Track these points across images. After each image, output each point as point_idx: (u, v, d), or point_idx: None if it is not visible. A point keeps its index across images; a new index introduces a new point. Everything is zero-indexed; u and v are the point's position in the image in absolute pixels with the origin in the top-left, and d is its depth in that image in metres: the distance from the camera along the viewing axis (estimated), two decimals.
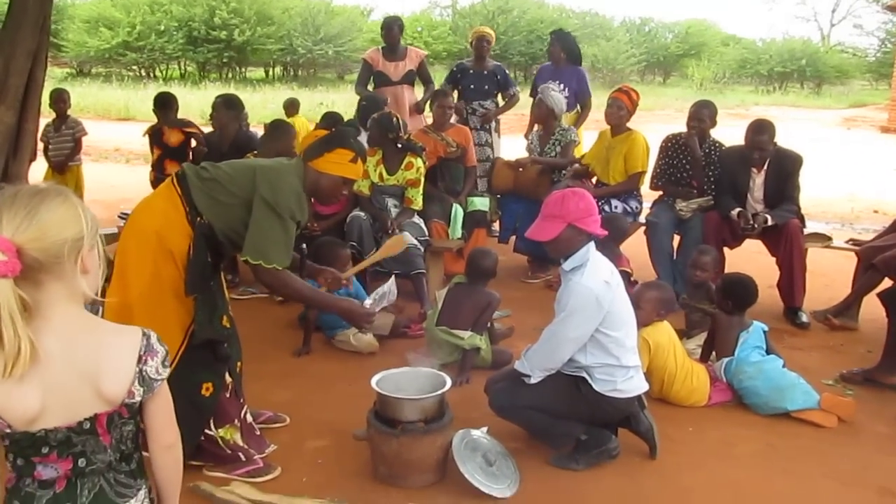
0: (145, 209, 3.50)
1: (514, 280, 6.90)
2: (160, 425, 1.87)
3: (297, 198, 3.44)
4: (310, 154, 3.55)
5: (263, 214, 3.35)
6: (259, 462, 3.62)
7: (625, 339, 3.63)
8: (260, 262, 3.37)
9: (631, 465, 3.77)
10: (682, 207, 6.29)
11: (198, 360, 3.44)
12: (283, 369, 4.93)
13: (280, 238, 3.38)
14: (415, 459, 3.48)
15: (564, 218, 3.55)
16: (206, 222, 3.37)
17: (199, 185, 3.41)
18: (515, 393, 3.73)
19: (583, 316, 3.52)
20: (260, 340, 5.29)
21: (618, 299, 3.60)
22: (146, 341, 1.81)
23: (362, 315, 3.68)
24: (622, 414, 3.77)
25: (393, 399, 3.54)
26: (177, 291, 3.35)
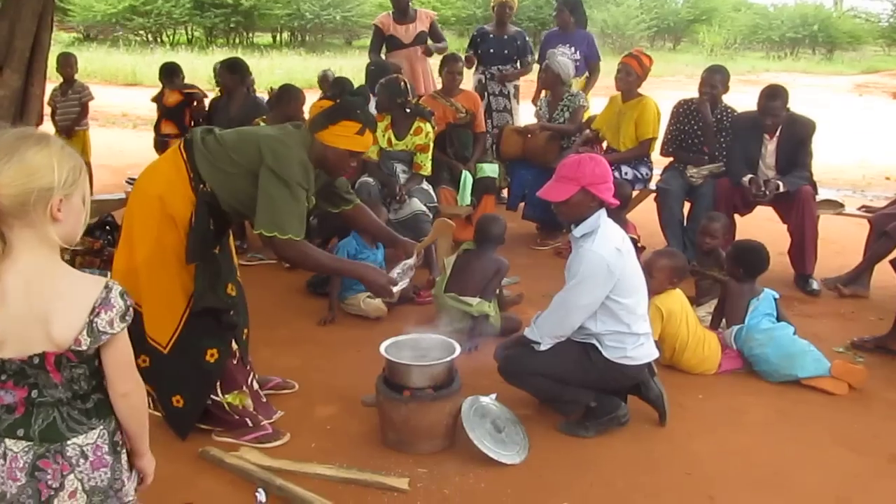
0: (150, 174, 3.47)
1: (522, 247, 6.87)
2: (114, 375, 1.93)
3: (303, 167, 3.36)
4: (316, 125, 3.45)
5: (272, 185, 3.28)
6: (268, 428, 3.62)
7: (635, 306, 3.60)
8: (275, 235, 3.31)
9: (640, 432, 3.76)
10: (693, 174, 6.23)
11: (202, 326, 3.43)
12: (292, 336, 4.92)
13: (292, 207, 3.32)
14: (423, 426, 3.48)
15: (578, 181, 3.51)
16: (208, 190, 3.33)
17: (204, 152, 3.36)
18: (525, 360, 3.72)
19: (593, 283, 3.49)
20: (268, 307, 5.28)
21: (629, 266, 3.57)
22: (105, 294, 1.85)
23: (385, 285, 3.61)
24: (632, 381, 3.76)
25: (402, 365, 3.53)
26: (180, 257, 3.33)
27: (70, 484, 1.90)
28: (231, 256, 3.68)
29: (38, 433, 1.88)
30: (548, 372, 3.66)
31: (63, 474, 1.89)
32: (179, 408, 3.51)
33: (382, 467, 3.39)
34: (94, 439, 1.92)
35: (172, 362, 3.43)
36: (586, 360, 3.64)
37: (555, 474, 3.39)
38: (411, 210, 5.98)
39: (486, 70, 7.90)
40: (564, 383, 3.68)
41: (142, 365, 3.49)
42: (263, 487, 3.19)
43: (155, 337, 3.42)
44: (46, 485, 1.88)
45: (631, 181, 6.55)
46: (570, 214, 3.60)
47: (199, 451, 3.45)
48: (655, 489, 3.29)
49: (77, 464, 1.90)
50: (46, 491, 1.88)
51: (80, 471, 1.90)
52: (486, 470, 3.38)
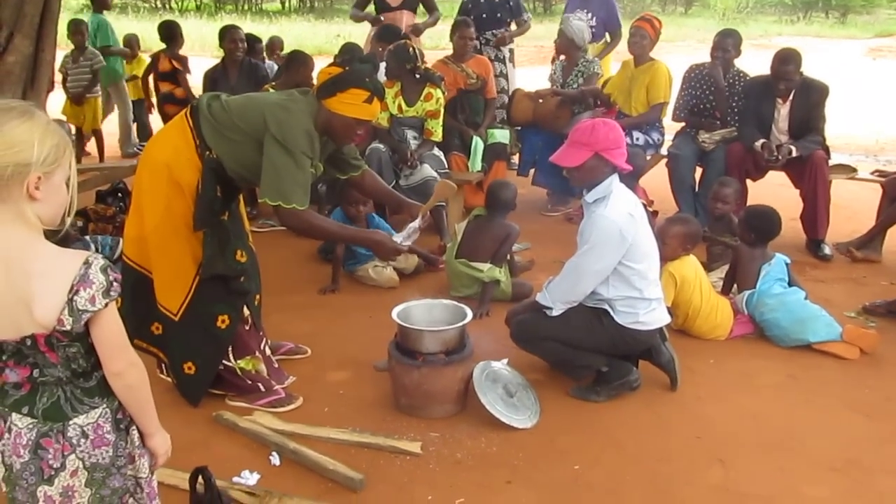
0: (158, 141, 3.46)
1: (533, 213, 6.85)
2: (105, 353, 1.87)
3: (308, 136, 3.33)
4: (322, 93, 3.40)
5: (276, 153, 3.27)
6: (281, 392, 3.64)
7: (647, 271, 3.59)
8: (279, 203, 3.31)
9: (651, 396, 3.77)
10: (705, 139, 6.19)
11: (213, 293, 3.44)
12: (304, 301, 4.93)
13: (296, 176, 3.31)
14: (435, 390, 3.49)
15: (592, 146, 3.48)
16: (214, 157, 3.31)
17: (209, 119, 3.34)
18: (536, 325, 3.72)
19: (605, 248, 3.48)
20: (280, 272, 5.29)
21: (641, 232, 3.55)
22: (83, 270, 1.77)
23: (391, 249, 3.61)
24: (643, 346, 3.76)
25: (414, 331, 3.53)
26: (189, 224, 3.33)
27: (71, 464, 1.89)
28: (242, 222, 3.67)
29: (42, 412, 1.86)
30: (559, 337, 3.66)
31: (64, 454, 1.88)
32: (191, 375, 3.53)
33: (395, 431, 3.40)
34: (95, 418, 1.90)
35: (184, 329, 3.44)
36: (598, 325, 3.63)
37: (566, 438, 3.40)
38: (422, 176, 5.96)
39: (481, 35, 7.76)
40: (576, 348, 3.68)
41: (155, 332, 3.52)
42: (277, 451, 3.22)
43: (166, 304, 3.43)
44: (48, 464, 1.87)
45: (642, 146, 6.51)
46: (583, 180, 3.58)
47: (213, 416, 3.48)
48: (666, 453, 3.30)
49: (78, 444, 1.89)
50: (48, 470, 1.87)
51: (82, 450, 1.89)
52: (498, 434, 3.40)
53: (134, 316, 3.45)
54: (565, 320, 3.65)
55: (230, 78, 6.77)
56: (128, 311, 3.35)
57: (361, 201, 5.14)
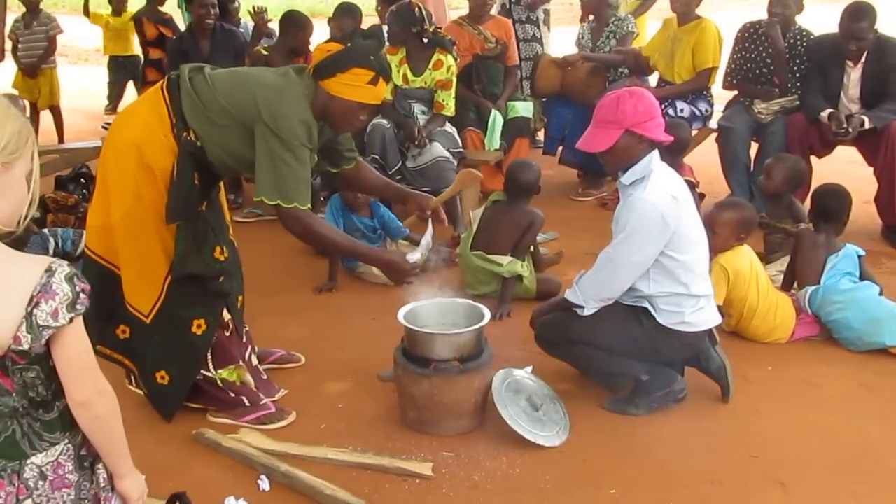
0: (126, 117, 3.48)
1: (561, 197, 6.86)
2: (69, 378, 1.81)
3: (305, 125, 3.34)
4: (321, 72, 3.40)
5: (272, 145, 3.28)
6: (270, 407, 3.66)
7: (694, 263, 3.59)
8: (278, 203, 3.32)
9: (699, 409, 3.77)
10: (762, 109, 6.17)
11: (186, 294, 3.46)
12: (297, 302, 4.96)
13: (297, 171, 3.31)
14: (449, 403, 3.50)
15: (621, 123, 3.46)
16: (191, 140, 3.32)
17: (192, 96, 3.34)
18: (566, 326, 3.73)
19: (646, 236, 3.48)
20: (269, 269, 5.32)
21: (686, 217, 3.54)
22: (46, 279, 1.73)
23: (404, 271, 3.60)
24: (690, 351, 3.76)
25: (423, 335, 3.55)
26: (160, 214, 3.34)
27: None
28: (222, 213, 3.69)
29: None
30: (592, 340, 3.67)
31: (19, 498, 1.83)
32: (164, 385, 3.55)
33: (402, 451, 3.42)
34: (55, 456, 1.86)
35: (155, 333, 3.47)
36: (637, 327, 3.64)
37: (600, 458, 3.41)
38: (432, 156, 5.97)
39: None
40: (611, 353, 3.69)
41: (121, 336, 3.55)
42: (266, 474, 3.24)
43: (135, 304, 3.45)
44: None
45: (688, 119, 6.51)
46: (618, 162, 3.56)
47: (192, 434, 3.50)
48: (716, 475, 3.30)
49: (35, 486, 1.84)
50: None
51: (39, 494, 1.84)
52: (521, 453, 3.40)
53: (98, 317, 3.46)
54: (599, 321, 3.65)
55: (202, 50, 6.73)
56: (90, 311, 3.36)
57: None
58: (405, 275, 3.65)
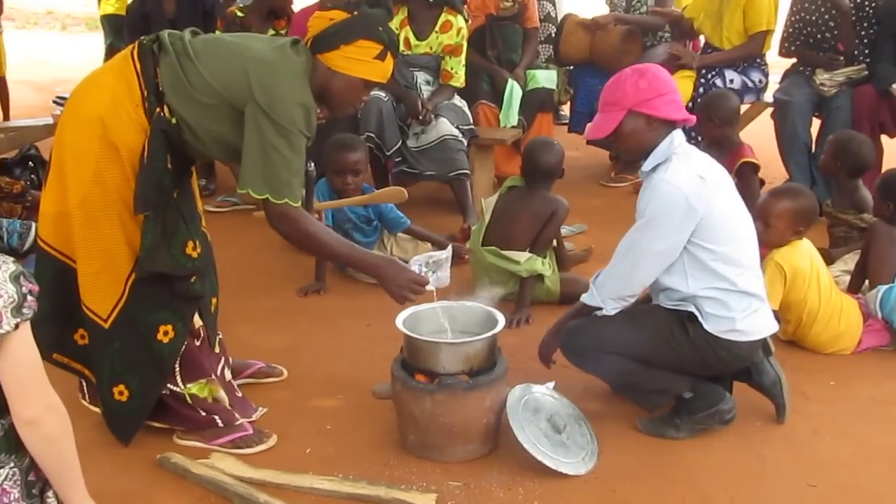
0: (89, 87, 3.45)
1: (591, 183, 6.86)
2: (14, 393, 1.83)
3: (304, 109, 3.34)
4: (321, 44, 3.41)
5: (263, 131, 3.27)
6: (247, 428, 3.67)
7: (737, 255, 3.57)
8: (266, 197, 3.32)
9: (750, 431, 3.76)
10: (824, 81, 6.16)
11: (152, 295, 3.45)
12: (279, 306, 4.98)
13: (290, 162, 3.31)
14: (456, 424, 3.50)
15: (622, 104, 3.53)
16: (166, 116, 3.31)
17: (176, 69, 3.32)
18: (597, 334, 3.71)
19: (668, 222, 3.48)
20: (246, 267, 5.33)
21: (720, 201, 3.54)
22: None
23: (405, 284, 3.54)
24: (742, 363, 3.75)
25: (426, 343, 3.54)
26: (125, 201, 3.33)
27: None
28: (194, 201, 3.68)
29: None
30: (628, 350, 3.66)
31: None
32: (122, 402, 3.55)
33: (401, 480, 3.42)
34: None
35: (115, 340, 3.46)
36: (680, 335, 3.62)
37: (633, 488, 3.41)
38: (438, 134, 5.98)
39: None
40: (650, 366, 3.68)
41: (81, 342, 3.55)
42: None
43: (92, 306, 3.45)
44: None
45: (739, 91, 6.49)
46: (631, 148, 3.64)
47: (156, 459, 3.50)
48: None
49: None
50: None
51: None
52: (540, 483, 3.40)
53: (54, 320, 3.47)
54: (636, 328, 3.65)
55: (166, 10, 6.70)
56: (45, 313, 3.35)
57: (350, 169, 5.19)
58: (404, 288, 3.55)
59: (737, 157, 5.43)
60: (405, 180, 6.08)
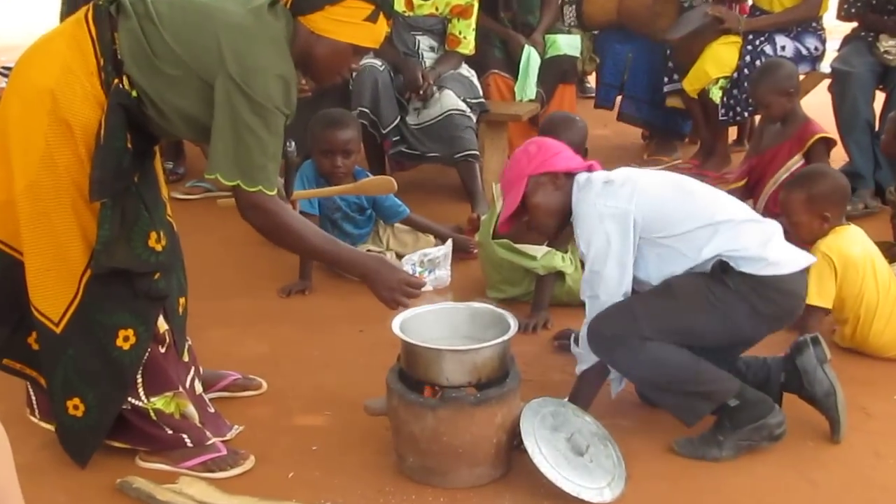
0: (37, 55, 3.45)
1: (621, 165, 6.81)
2: None
3: (283, 82, 3.33)
4: (303, 5, 3.40)
5: (236, 106, 3.25)
6: (220, 448, 3.68)
7: (712, 212, 3.72)
8: (238, 184, 3.31)
9: (800, 450, 3.76)
10: (890, 48, 6.16)
11: (110, 295, 3.45)
12: (257, 308, 5.01)
13: (266, 144, 3.30)
14: (462, 445, 3.50)
15: (521, 175, 3.83)
16: (125, 89, 3.30)
17: (138, 35, 3.31)
18: (631, 313, 3.72)
19: (607, 241, 3.67)
20: (219, 263, 5.34)
21: (652, 190, 3.78)
22: None
23: (397, 286, 3.54)
24: (796, 304, 3.79)
25: (427, 351, 3.55)
26: (79, 187, 3.33)
27: None
28: (157, 187, 3.68)
29: None
30: (669, 325, 3.69)
31: None
32: (77, 418, 3.55)
33: None
34: None
35: (68, 347, 3.46)
36: (720, 290, 3.65)
37: None
38: (442, 109, 5.99)
39: None
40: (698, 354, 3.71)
41: (33, 347, 3.56)
42: None
43: (42, 308, 3.45)
44: None
45: (792, 59, 6.49)
46: (549, 214, 3.90)
47: (116, 484, 3.51)
48: None
49: None
50: None
51: None
52: None
53: (3, 321, 3.50)
54: (671, 296, 3.70)
55: None
56: None
57: (341, 150, 5.19)
58: (397, 290, 3.56)
59: (805, 133, 5.46)
60: (404, 163, 6.12)
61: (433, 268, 3.69)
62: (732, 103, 6.62)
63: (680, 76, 6.82)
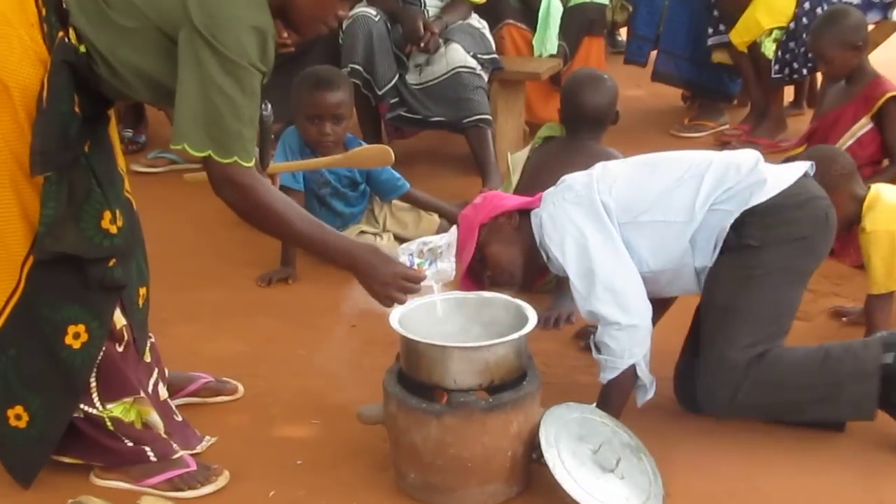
0: None
1: (657, 132, 6.86)
2: None
3: (258, 36, 3.29)
4: None
5: (204, 63, 3.21)
6: (190, 463, 3.68)
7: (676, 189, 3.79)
8: (209, 154, 3.28)
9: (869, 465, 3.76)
10: None
11: (58, 284, 3.45)
12: (232, 300, 5.03)
13: (239, 106, 3.28)
14: (472, 458, 3.50)
15: (471, 227, 3.95)
16: (72, 43, 3.29)
17: None
18: (730, 343, 3.76)
19: (581, 239, 3.76)
20: (188, 247, 5.35)
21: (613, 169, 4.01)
22: None
23: (392, 281, 3.52)
24: (823, 208, 3.81)
25: (431, 349, 3.55)
26: (19, 160, 3.33)
27: None
28: (113, 158, 3.69)
29: None
30: (764, 328, 3.75)
31: None
32: (21, 429, 3.55)
33: None
34: None
35: (9, 346, 3.47)
36: (754, 257, 3.72)
37: None
38: (448, 66, 5.99)
39: None
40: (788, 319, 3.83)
41: None
42: None
43: None
44: None
45: (860, 6, 6.48)
46: (515, 264, 3.99)
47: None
48: None
49: None
50: None
51: None
52: None
53: None
54: (740, 305, 3.73)
55: None
56: None
57: (330, 114, 5.18)
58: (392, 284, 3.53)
59: (874, 92, 5.46)
60: (404, 129, 6.12)
61: (434, 259, 3.63)
62: (788, 58, 6.61)
63: (727, 27, 6.81)
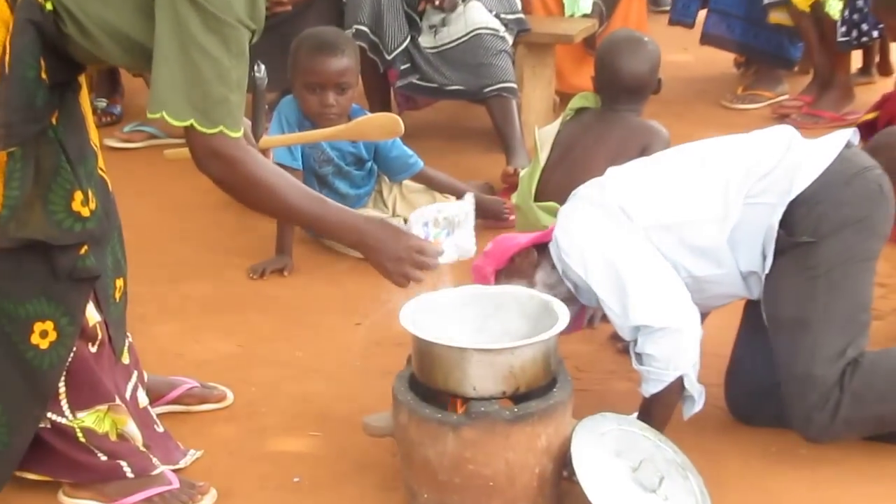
0: None
1: (706, 104, 6.87)
2: None
3: None
4: None
5: (184, 20, 3.19)
6: (172, 480, 3.69)
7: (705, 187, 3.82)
8: (191, 123, 3.26)
9: None
10: None
11: (23, 275, 3.46)
12: (221, 294, 5.04)
13: (224, 69, 3.26)
14: (494, 475, 3.49)
15: (486, 277, 3.98)
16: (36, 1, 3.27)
17: None
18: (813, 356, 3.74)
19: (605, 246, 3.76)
20: (171, 234, 5.36)
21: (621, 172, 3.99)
22: None
23: (406, 255, 3.50)
24: (875, 178, 3.83)
25: (448, 350, 3.54)
26: None
27: None
28: (85, 132, 3.69)
29: None
30: (850, 330, 3.75)
31: None
32: None
33: None
34: None
35: None
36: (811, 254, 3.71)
37: None
38: (467, 28, 6.00)
39: None
40: None
41: None
42: None
43: None
44: None
45: None
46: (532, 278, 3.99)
47: None
48: None
49: None
50: None
51: None
52: None
53: None
54: (817, 311, 3.72)
55: None
56: None
57: (333, 83, 5.17)
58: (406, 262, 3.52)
59: None
60: (417, 98, 6.12)
61: (451, 229, 3.61)
62: (857, 19, 6.62)
63: None
